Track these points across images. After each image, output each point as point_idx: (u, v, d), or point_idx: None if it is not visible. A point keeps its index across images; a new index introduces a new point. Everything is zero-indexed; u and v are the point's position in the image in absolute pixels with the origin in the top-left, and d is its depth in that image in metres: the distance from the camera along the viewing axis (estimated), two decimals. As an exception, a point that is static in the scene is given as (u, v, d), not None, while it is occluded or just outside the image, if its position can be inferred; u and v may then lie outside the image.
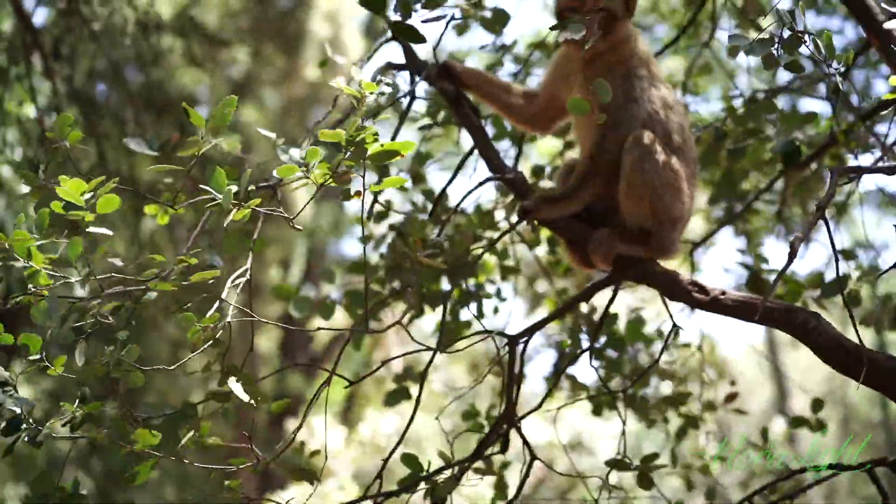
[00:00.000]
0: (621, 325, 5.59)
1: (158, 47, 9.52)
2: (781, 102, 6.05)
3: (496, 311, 5.74)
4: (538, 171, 5.63)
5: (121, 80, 9.44)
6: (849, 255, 5.19)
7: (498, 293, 5.52)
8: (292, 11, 17.52)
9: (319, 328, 3.96)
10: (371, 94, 3.46)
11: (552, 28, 3.80)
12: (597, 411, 5.57)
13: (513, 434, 4.28)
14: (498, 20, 4.85)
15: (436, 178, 7.27)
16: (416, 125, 5.45)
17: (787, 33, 3.40)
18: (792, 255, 3.19)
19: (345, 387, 3.88)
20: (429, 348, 4.04)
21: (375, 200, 4.70)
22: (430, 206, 5.22)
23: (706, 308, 3.81)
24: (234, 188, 3.23)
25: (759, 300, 3.67)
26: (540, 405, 4.43)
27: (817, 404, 5.50)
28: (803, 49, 3.44)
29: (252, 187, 3.41)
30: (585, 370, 6.12)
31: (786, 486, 4.89)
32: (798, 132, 4.53)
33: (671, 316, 4.40)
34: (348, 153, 3.34)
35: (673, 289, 3.86)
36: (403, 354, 4.12)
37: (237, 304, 3.44)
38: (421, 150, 5.56)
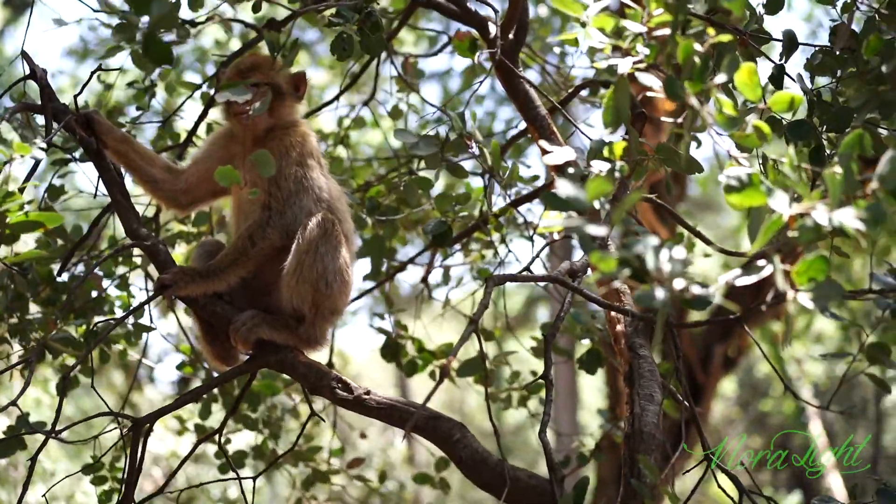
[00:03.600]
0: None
1: None
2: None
3: (123, 355, 5.30)
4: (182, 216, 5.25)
5: None
6: (488, 335, 5.19)
7: (129, 338, 5.09)
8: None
9: None
10: (22, 156, 3.08)
11: (214, 93, 3.48)
12: (223, 469, 5.34)
13: None
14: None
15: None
16: (51, 157, 4.90)
17: (453, 136, 3.27)
18: (440, 381, 3.02)
19: None
20: (42, 432, 3.61)
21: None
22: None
23: (349, 407, 3.64)
24: None
25: (405, 406, 3.52)
26: (161, 490, 4.05)
27: (443, 463, 5.55)
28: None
29: None
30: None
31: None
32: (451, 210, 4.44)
33: (310, 405, 4.17)
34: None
35: (316, 383, 3.64)
36: (12, 436, 3.70)
37: None
38: (55, 184, 4.99)
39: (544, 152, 3.41)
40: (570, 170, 2.96)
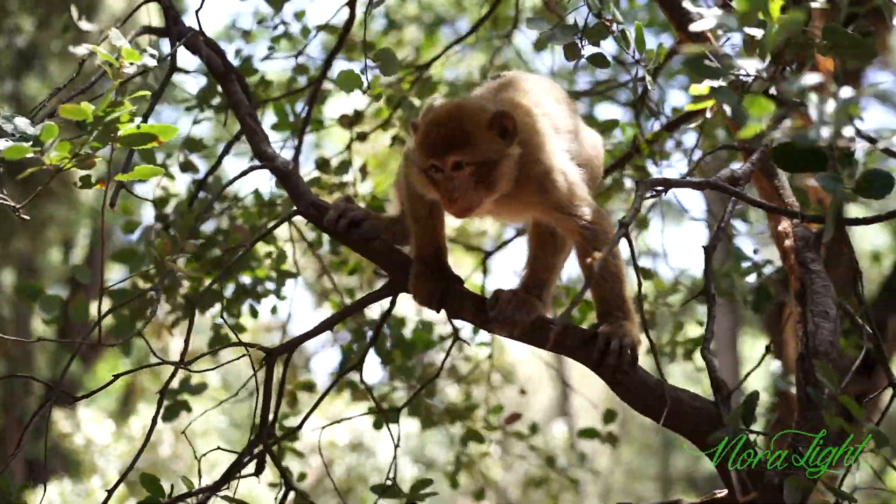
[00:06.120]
0: (409, 329, 5.28)
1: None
2: (581, 108, 5.75)
3: (274, 310, 5.23)
4: (323, 164, 5.14)
5: None
6: (647, 274, 4.84)
7: (277, 292, 4.99)
8: (86, -19, 16.44)
9: (40, 338, 3.33)
10: (131, 63, 2.87)
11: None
12: (378, 425, 5.22)
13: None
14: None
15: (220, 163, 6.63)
16: (183, 105, 4.88)
17: (592, 20, 2.98)
18: (589, 281, 2.76)
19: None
20: (171, 363, 3.47)
21: (122, 187, 3.87)
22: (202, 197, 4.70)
23: (486, 328, 3.39)
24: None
25: (553, 326, 3.22)
26: (300, 426, 3.88)
27: (609, 416, 5.32)
28: (610, 43, 3.05)
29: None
30: (371, 372, 5.64)
31: None
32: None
33: (455, 329, 3.92)
34: (94, 133, 2.75)
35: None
36: (139, 368, 3.64)
37: None
38: (192, 135, 4.93)
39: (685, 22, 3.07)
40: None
